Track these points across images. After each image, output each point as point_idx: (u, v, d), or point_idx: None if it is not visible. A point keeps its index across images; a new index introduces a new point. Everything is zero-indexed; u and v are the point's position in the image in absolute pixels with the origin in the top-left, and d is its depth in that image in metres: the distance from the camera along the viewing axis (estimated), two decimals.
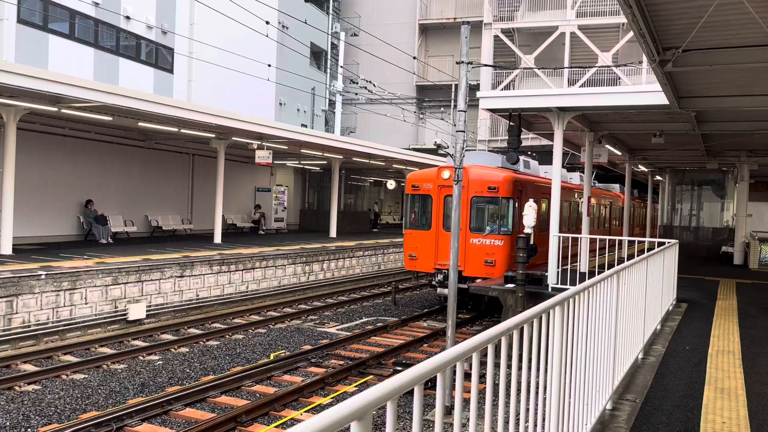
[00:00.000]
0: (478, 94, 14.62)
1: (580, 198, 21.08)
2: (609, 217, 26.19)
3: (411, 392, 1.87)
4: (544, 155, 25.54)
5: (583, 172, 23.24)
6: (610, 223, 26.41)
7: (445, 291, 15.36)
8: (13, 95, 13.66)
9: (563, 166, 18.28)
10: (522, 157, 18.74)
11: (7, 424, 8.39)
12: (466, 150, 17.54)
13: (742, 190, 21.40)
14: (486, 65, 27.62)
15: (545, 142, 21.39)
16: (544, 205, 17.83)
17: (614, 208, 27.40)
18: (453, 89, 33.92)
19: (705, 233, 27.07)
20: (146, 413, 8.76)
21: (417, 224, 16.94)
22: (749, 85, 9.97)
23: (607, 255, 14.83)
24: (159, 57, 24.90)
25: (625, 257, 7.38)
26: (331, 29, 36.18)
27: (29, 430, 8.28)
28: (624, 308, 5.42)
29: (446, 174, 16.17)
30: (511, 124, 14.01)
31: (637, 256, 6.54)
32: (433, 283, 16.53)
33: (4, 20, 18.83)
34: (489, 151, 28.96)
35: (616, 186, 28.75)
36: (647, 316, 7.20)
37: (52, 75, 13.50)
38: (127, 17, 22.95)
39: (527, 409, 3.02)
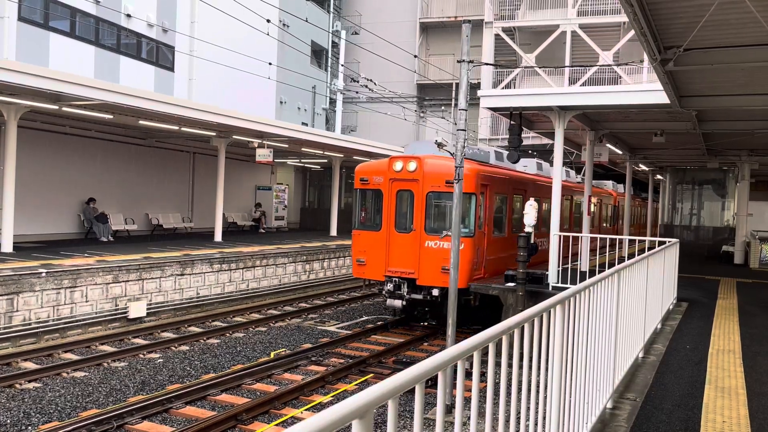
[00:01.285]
0: (479, 92, 14.60)
1: (563, 195, 20.30)
2: (599, 216, 24.74)
3: (412, 391, 1.87)
4: (544, 154, 25.52)
5: (570, 168, 23.06)
6: (600, 223, 24.69)
7: (396, 302, 13.84)
8: (14, 93, 13.66)
9: (545, 161, 17.29)
10: (493, 149, 17.48)
11: (8, 421, 8.40)
12: (424, 141, 16.10)
13: (743, 190, 21.39)
14: (487, 64, 27.59)
15: (546, 141, 21.37)
16: (519, 204, 16.31)
17: (605, 206, 25.99)
18: (454, 88, 33.89)
19: (706, 232, 27.05)
20: (147, 411, 8.77)
21: (366, 224, 14.67)
22: (750, 85, 9.96)
23: (607, 255, 14.77)
24: (160, 55, 24.89)
25: (626, 256, 7.38)
26: (332, 28, 36.15)
27: (30, 428, 8.29)
28: (624, 307, 5.43)
29: (398, 165, 14.11)
30: (512, 122, 13.99)
31: (638, 255, 6.54)
32: (384, 292, 14.24)
33: (5, 18, 18.82)
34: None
35: (609, 183, 28.28)
36: (648, 315, 7.21)
37: (53, 73, 13.49)
38: (128, 15, 22.94)
39: (528, 408, 3.03)
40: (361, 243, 14.52)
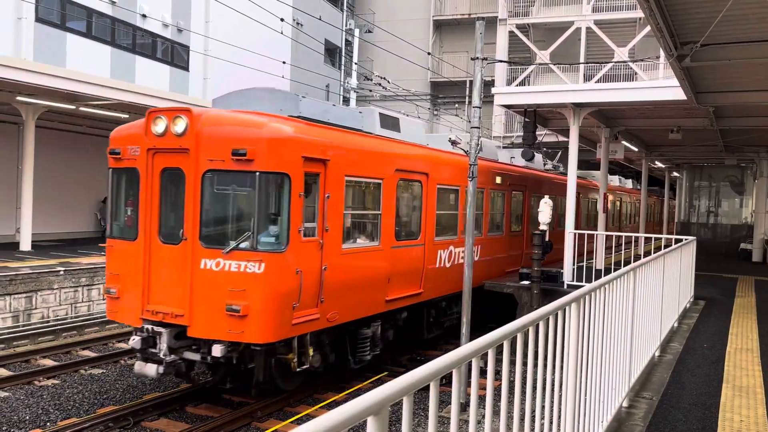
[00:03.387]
0: (493, 90, 14.55)
1: (516, 186, 15.38)
2: (587, 213, 21.28)
3: (426, 388, 1.87)
4: (556, 152, 25.34)
5: (538, 150, 21.07)
6: (589, 221, 20.95)
7: (148, 369, 7.94)
8: (32, 93, 13.82)
9: (516, 144, 14.33)
10: (379, 110, 10.95)
11: (27, 417, 8.52)
12: (237, 91, 9.37)
13: (761, 187, 21.15)
14: (501, 61, 27.44)
15: (561, 138, 21.21)
16: (407, 195, 10.83)
17: (592, 202, 21.93)
18: (468, 85, 33.80)
19: (723, 230, 26.77)
20: (163, 408, 8.85)
21: (121, 229, 8.85)
22: None
23: (613, 254, 14.43)
24: (175, 55, 25.06)
25: (642, 254, 7.33)
26: (346, 26, 36.19)
27: (48, 423, 8.39)
28: (641, 305, 5.39)
29: (161, 126, 8.18)
30: (527, 120, 13.92)
31: (647, 256, 6.49)
32: (135, 348, 8.19)
33: (23, 19, 19.04)
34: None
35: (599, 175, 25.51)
36: (664, 313, 7.15)
37: (70, 73, 13.65)
38: (144, 15, 23.11)
39: (543, 407, 3.02)
40: (115, 261, 8.65)
